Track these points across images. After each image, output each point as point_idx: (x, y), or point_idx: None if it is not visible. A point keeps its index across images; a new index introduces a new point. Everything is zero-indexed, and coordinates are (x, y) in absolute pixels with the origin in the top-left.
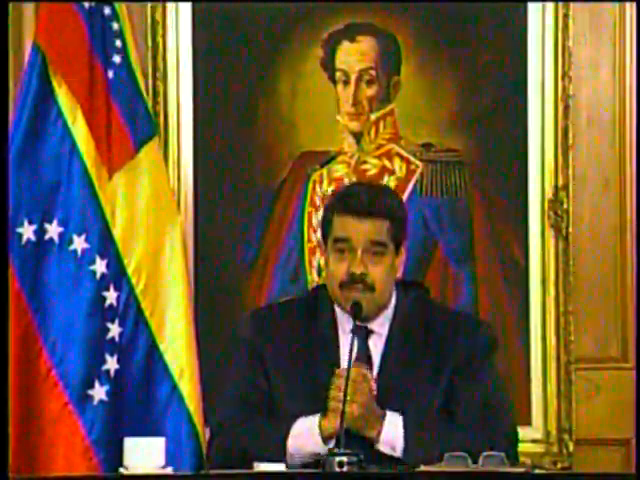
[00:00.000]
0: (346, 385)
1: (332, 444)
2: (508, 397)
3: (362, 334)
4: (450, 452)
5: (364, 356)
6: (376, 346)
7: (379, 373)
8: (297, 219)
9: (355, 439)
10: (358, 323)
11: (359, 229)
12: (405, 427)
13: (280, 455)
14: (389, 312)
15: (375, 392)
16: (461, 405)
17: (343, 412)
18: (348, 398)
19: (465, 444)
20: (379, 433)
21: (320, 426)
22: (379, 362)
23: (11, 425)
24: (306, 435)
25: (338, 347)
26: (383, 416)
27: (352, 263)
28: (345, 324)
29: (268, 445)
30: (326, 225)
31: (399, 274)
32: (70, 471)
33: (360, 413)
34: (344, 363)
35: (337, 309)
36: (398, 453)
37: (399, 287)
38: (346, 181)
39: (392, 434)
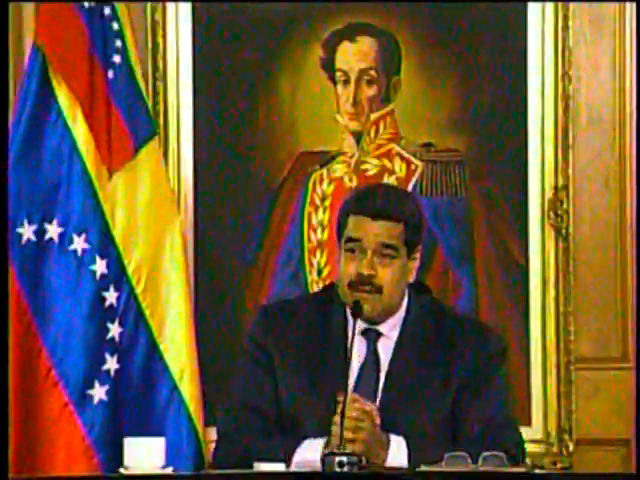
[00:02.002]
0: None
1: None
2: (513, 413)
3: (371, 337)
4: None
5: (372, 359)
6: (385, 350)
7: (387, 377)
8: (297, 219)
9: None
10: (366, 325)
11: (371, 230)
12: (409, 451)
13: None
14: (400, 315)
15: (378, 422)
16: (467, 422)
17: (343, 411)
18: (352, 436)
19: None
20: (384, 460)
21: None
22: (387, 366)
23: (11, 425)
24: (309, 465)
25: (346, 348)
26: (387, 442)
27: (361, 264)
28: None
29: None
30: (341, 224)
31: (412, 279)
32: (70, 471)
33: (363, 449)
34: (351, 364)
35: (348, 309)
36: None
37: (410, 291)
38: (346, 180)
39: (397, 460)
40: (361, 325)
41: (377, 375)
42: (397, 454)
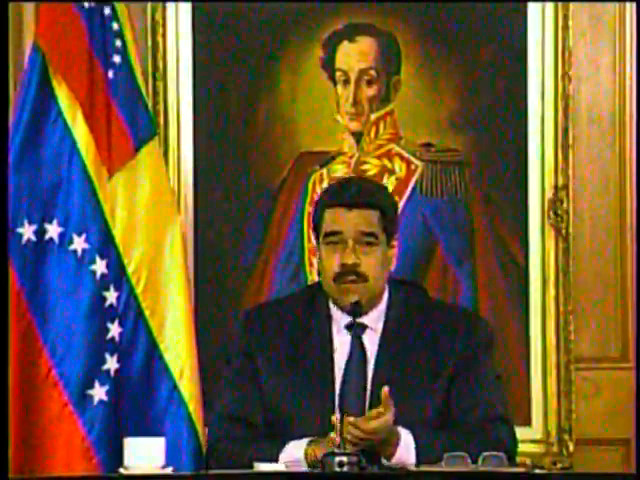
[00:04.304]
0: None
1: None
2: (505, 404)
3: (357, 329)
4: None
5: (358, 352)
6: (371, 342)
7: (374, 370)
8: (297, 219)
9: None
10: (350, 318)
11: (349, 220)
12: (417, 445)
13: None
14: (382, 307)
15: (390, 422)
16: (459, 414)
17: (343, 412)
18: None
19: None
20: (392, 455)
21: (306, 457)
22: (375, 358)
23: (11, 425)
24: (294, 465)
25: (332, 344)
26: (397, 441)
27: (344, 254)
28: (339, 320)
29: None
30: (317, 221)
31: (392, 267)
32: (70, 471)
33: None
34: (337, 359)
35: (332, 305)
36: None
37: (391, 285)
38: None
39: (405, 456)
40: (345, 319)
41: (364, 368)
42: (405, 452)
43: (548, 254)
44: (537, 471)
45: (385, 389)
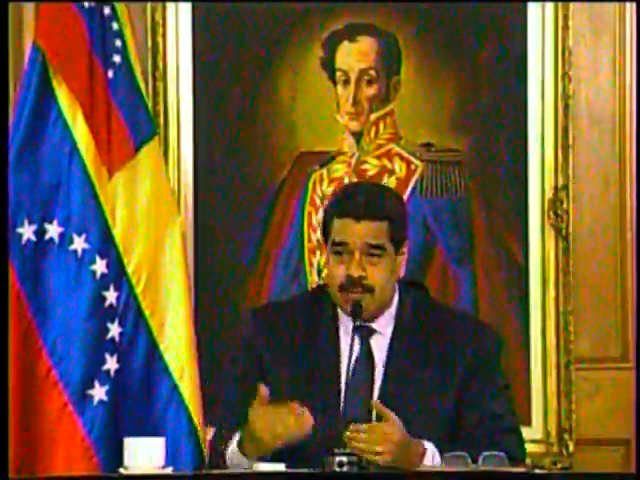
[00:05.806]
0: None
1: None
2: (514, 411)
3: (364, 333)
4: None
5: (366, 356)
6: (379, 346)
7: (383, 374)
8: (297, 219)
9: None
10: (359, 323)
11: (356, 232)
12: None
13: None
14: (392, 311)
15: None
16: (469, 424)
17: (343, 414)
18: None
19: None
20: (417, 465)
21: (240, 448)
22: (383, 363)
23: (11, 425)
24: (236, 455)
25: (339, 346)
26: (424, 450)
27: (350, 266)
28: (347, 323)
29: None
30: (325, 227)
31: (401, 273)
32: (70, 471)
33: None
34: (343, 363)
35: (339, 309)
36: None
37: (401, 287)
38: (346, 180)
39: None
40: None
41: (372, 373)
42: (432, 460)
43: (548, 254)
44: (537, 471)
45: (373, 401)
